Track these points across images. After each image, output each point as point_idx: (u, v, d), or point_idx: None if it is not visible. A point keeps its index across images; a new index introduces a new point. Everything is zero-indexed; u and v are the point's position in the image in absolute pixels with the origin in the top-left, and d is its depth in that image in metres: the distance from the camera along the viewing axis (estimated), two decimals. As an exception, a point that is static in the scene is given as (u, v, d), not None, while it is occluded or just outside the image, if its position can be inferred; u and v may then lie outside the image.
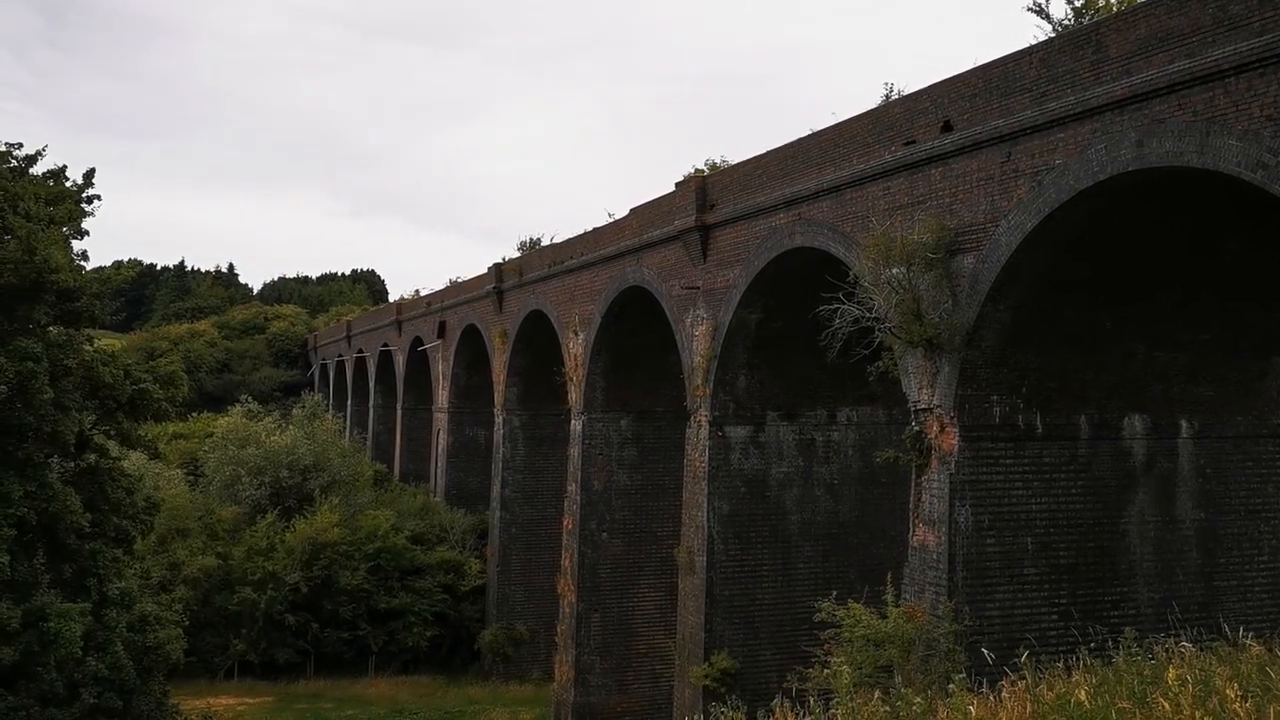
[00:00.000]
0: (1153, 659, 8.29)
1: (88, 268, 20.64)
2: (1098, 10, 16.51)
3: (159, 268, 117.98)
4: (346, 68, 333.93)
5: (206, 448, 45.72)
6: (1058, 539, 16.44)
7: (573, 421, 31.66)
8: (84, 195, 20.08)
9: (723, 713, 9.28)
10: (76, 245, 19.74)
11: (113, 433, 19.62)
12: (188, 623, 21.34)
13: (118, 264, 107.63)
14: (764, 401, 23.79)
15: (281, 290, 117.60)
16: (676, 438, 27.20)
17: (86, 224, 19.99)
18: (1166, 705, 6.04)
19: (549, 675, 34.05)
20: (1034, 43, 15.21)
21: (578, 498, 30.91)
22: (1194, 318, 16.66)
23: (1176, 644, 8.73)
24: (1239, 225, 15.23)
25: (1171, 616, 15.61)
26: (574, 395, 31.45)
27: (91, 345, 19.58)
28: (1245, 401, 17.53)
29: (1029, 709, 6.89)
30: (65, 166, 20.32)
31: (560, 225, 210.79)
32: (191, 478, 45.27)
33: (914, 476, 16.88)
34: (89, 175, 20.37)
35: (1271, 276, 16.42)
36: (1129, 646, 8.57)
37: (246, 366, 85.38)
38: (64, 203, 19.47)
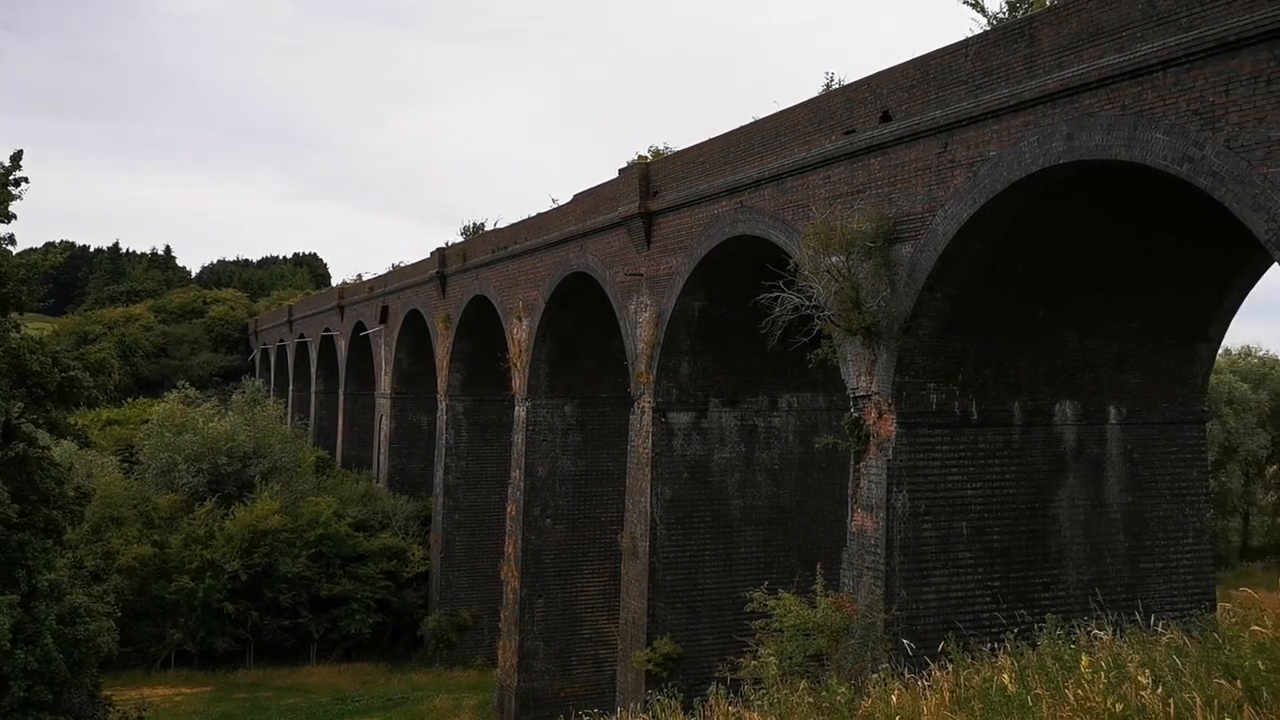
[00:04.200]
0: (1075, 643, 8.51)
1: (15, 251, 20.14)
2: (1031, 4, 16.73)
3: (92, 250, 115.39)
4: (300, 49, 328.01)
5: (142, 434, 44.92)
6: (991, 523, 16.76)
7: (517, 408, 31.58)
8: (11, 178, 19.54)
9: (659, 700, 9.36)
10: (3, 229, 19.22)
11: (41, 421, 19.20)
12: (120, 614, 20.96)
13: (48, 246, 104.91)
14: (707, 388, 23.92)
15: (221, 274, 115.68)
16: (620, 424, 27.25)
17: (14, 207, 19.44)
18: (1078, 692, 6.21)
19: (493, 661, 34.05)
20: (970, 35, 15.38)
21: (522, 484, 30.86)
22: (1124, 307, 17.03)
23: (1100, 628, 8.96)
24: (1170, 217, 15.58)
25: (1098, 598, 16.00)
26: (518, 381, 31.36)
27: (19, 332, 19.10)
28: (1171, 389, 17.96)
29: (948, 697, 7.04)
30: (-10, 149, 19.78)
31: (511, 209, 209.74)
32: (126, 465, 44.43)
33: (853, 462, 17.08)
34: (16, 158, 19.83)
35: (1200, 268, 16.83)
36: (1052, 631, 8.79)
37: (184, 351, 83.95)
38: (-11, 186, 18.93)
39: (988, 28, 16.23)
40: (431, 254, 40.57)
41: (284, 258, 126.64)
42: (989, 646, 9.43)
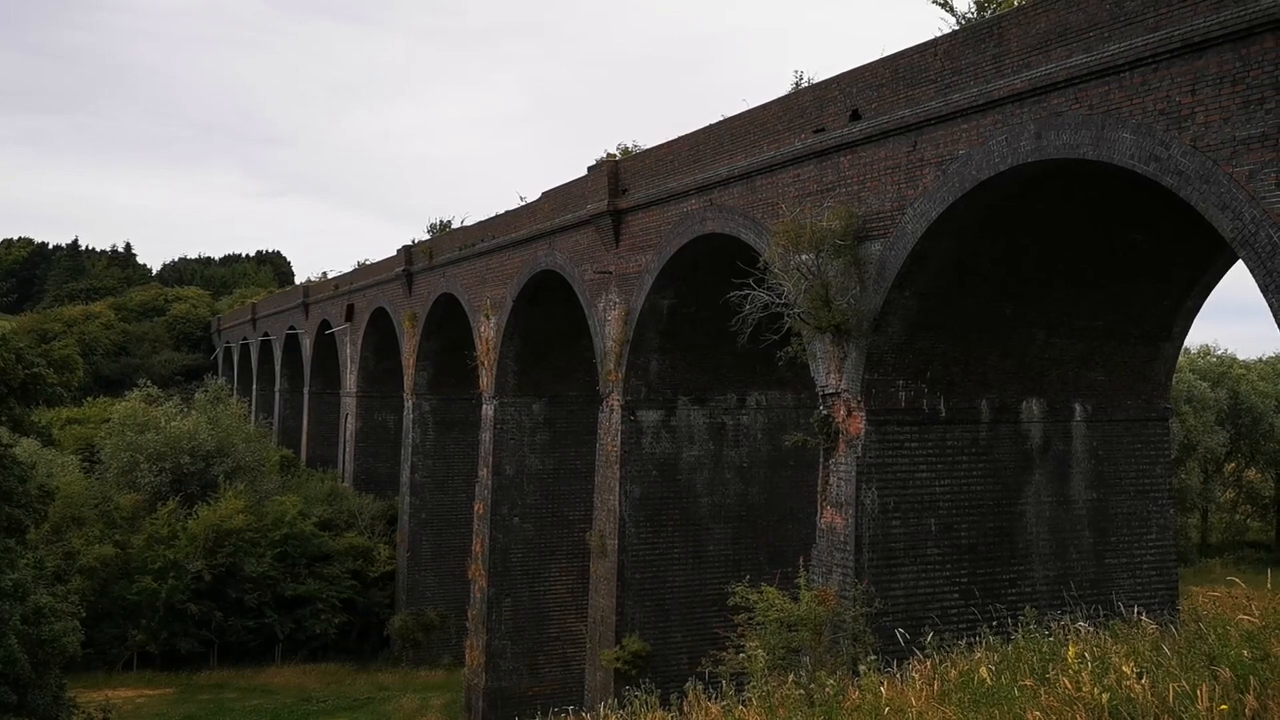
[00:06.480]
0: (1050, 636, 8.59)
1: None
2: (1000, 4, 16.88)
3: (51, 246, 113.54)
4: (265, 44, 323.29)
5: (103, 433, 44.33)
6: (959, 520, 16.89)
7: (484, 406, 31.45)
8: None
9: (636, 696, 9.34)
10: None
11: (4, 419, 18.88)
12: (84, 614, 20.65)
13: (8, 243, 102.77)
14: (675, 386, 23.93)
15: (183, 272, 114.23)
16: (589, 422, 27.21)
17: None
18: (1067, 683, 6.25)
19: (460, 660, 33.88)
20: (939, 35, 15.49)
21: (489, 482, 30.74)
22: (1090, 305, 17.22)
23: (1072, 621, 9.06)
24: (1136, 216, 15.77)
25: (1065, 593, 16.17)
26: (486, 379, 31.23)
27: (-21, 328, 18.80)
28: (1135, 386, 18.19)
29: (936, 688, 7.08)
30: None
31: (479, 207, 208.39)
32: (87, 464, 43.82)
33: (822, 459, 17.15)
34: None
35: (1165, 265, 17.06)
36: (1028, 625, 8.86)
37: (146, 350, 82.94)
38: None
39: (956, 27, 16.34)
40: (398, 252, 40.31)
41: (247, 255, 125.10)
42: (964, 641, 9.50)
